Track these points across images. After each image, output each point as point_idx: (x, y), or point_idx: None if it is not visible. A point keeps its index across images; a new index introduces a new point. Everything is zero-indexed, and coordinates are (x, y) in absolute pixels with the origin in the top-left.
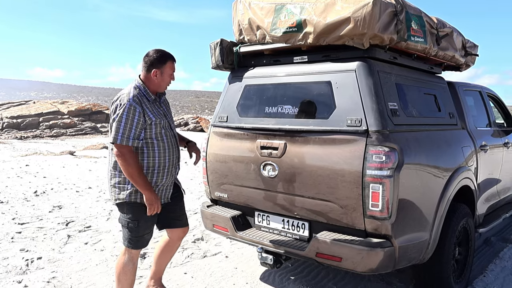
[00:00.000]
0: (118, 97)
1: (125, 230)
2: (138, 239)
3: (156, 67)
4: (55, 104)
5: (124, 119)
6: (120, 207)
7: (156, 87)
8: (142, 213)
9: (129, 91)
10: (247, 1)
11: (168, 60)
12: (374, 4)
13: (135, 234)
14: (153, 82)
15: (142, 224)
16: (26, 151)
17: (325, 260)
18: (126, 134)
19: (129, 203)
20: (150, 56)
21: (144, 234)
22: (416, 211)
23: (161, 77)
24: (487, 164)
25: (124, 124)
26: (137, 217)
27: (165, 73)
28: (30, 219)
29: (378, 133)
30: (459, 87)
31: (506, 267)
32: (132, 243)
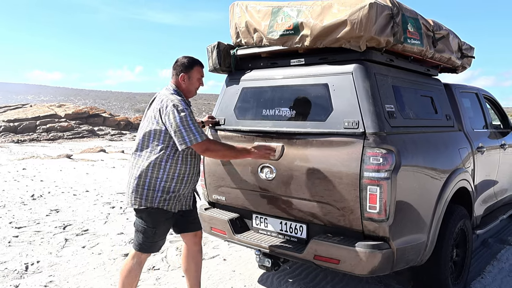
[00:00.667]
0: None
1: (139, 235)
2: (152, 245)
3: (184, 71)
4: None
5: (189, 119)
6: (139, 213)
7: (186, 92)
8: (161, 220)
9: (174, 96)
10: (244, 4)
11: (195, 65)
12: (371, 7)
13: (151, 240)
14: (182, 87)
15: (159, 232)
16: (23, 155)
17: (323, 262)
18: (200, 131)
19: (150, 210)
20: (178, 62)
21: (159, 240)
22: (413, 213)
23: (189, 81)
24: (484, 166)
25: (192, 124)
26: (155, 224)
27: (193, 77)
28: (27, 223)
29: (375, 135)
30: (455, 89)
31: (503, 268)
32: (145, 248)
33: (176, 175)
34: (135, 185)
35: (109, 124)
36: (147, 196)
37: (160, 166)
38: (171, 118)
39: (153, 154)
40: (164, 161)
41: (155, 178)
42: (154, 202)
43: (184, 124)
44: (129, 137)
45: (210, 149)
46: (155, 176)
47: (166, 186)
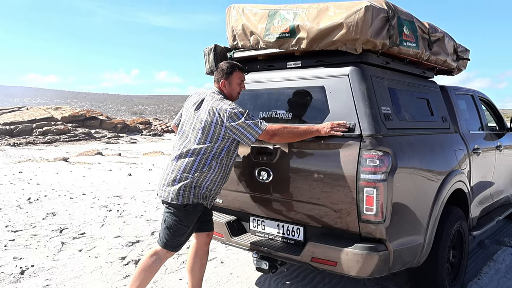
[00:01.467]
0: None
1: (169, 232)
2: (180, 243)
3: (224, 78)
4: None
5: (246, 114)
6: (175, 209)
7: (228, 97)
8: (194, 219)
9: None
10: (240, 7)
11: (234, 70)
12: (366, 9)
13: (180, 238)
14: (224, 92)
15: (190, 231)
16: (19, 158)
17: (320, 264)
18: (258, 121)
19: (189, 208)
20: (219, 68)
21: (186, 239)
22: (410, 215)
23: (229, 87)
24: (480, 167)
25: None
26: (190, 222)
27: (233, 83)
28: (23, 227)
29: (372, 138)
30: (451, 91)
31: (500, 269)
32: (174, 246)
33: (220, 174)
34: (186, 184)
35: (106, 127)
36: (194, 192)
37: (211, 166)
38: (236, 118)
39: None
40: (214, 162)
41: (204, 177)
42: (199, 198)
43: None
44: (126, 140)
45: (277, 136)
46: (204, 175)
47: (210, 184)
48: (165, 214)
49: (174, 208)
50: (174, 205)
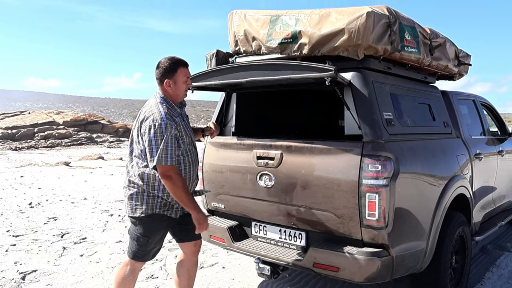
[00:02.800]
0: (147, 116)
1: (134, 243)
2: (146, 253)
3: (167, 77)
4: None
5: (165, 138)
6: (133, 221)
7: (174, 98)
8: (154, 230)
9: (158, 107)
10: (242, 12)
11: (179, 66)
12: (368, 15)
13: (144, 248)
14: (169, 94)
15: (152, 240)
16: (21, 162)
17: (322, 270)
18: (170, 154)
19: (142, 219)
20: (160, 67)
21: (152, 248)
22: (412, 220)
23: (175, 86)
24: (482, 172)
25: (166, 143)
26: (148, 233)
27: (178, 81)
28: (24, 231)
29: (374, 143)
30: (453, 96)
31: (503, 275)
32: (139, 256)
33: None
34: (135, 192)
35: (108, 131)
36: (147, 202)
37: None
38: (146, 133)
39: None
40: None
41: (152, 186)
42: (155, 208)
43: (156, 141)
44: (127, 144)
45: (170, 180)
46: (151, 185)
47: (163, 194)
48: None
49: (131, 219)
50: (130, 217)
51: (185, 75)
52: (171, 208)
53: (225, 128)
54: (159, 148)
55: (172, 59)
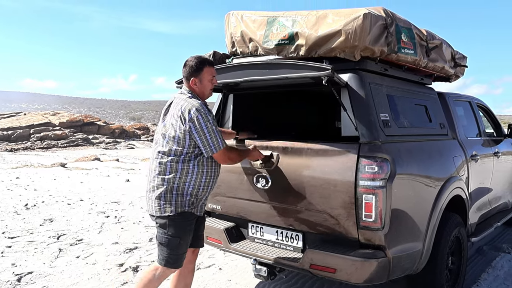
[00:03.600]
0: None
1: (164, 248)
2: (178, 258)
3: (193, 75)
4: (46, 115)
5: (213, 126)
6: (162, 223)
7: (200, 96)
8: (185, 229)
9: (194, 100)
10: (239, 13)
11: (205, 66)
12: (365, 17)
13: (176, 252)
14: (195, 91)
15: (184, 242)
16: (16, 164)
17: (319, 271)
18: (220, 138)
19: (175, 218)
20: (187, 66)
21: (183, 252)
22: (409, 221)
23: (201, 85)
24: (478, 174)
25: (216, 130)
26: (180, 233)
27: (204, 79)
28: (20, 233)
29: (370, 144)
30: (449, 98)
31: (499, 276)
32: (171, 262)
33: (203, 178)
34: (164, 191)
35: (104, 132)
36: (176, 201)
37: (188, 170)
38: (196, 124)
39: (178, 159)
40: (191, 165)
41: (183, 182)
42: (184, 207)
43: (209, 130)
44: (123, 145)
45: (230, 160)
46: (183, 180)
47: (194, 190)
48: (156, 229)
49: (160, 220)
50: (159, 217)
51: (210, 74)
52: (197, 207)
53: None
54: (212, 136)
55: (198, 58)
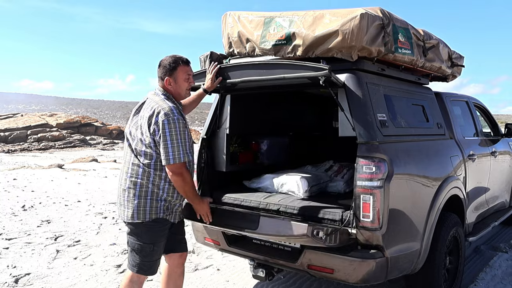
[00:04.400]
0: (157, 111)
1: (136, 256)
2: (151, 265)
3: (168, 74)
4: (43, 116)
5: (179, 135)
6: (135, 229)
7: (176, 96)
8: (159, 235)
9: (166, 103)
10: (236, 14)
11: (179, 64)
12: (362, 17)
13: (149, 259)
14: (170, 91)
15: (157, 248)
16: (13, 165)
17: (317, 272)
18: (183, 150)
19: (147, 225)
20: (161, 65)
21: (157, 258)
22: (406, 221)
23: (175, 85)
24: (475, 173)
25: (181, 140)
26: (153, 240)
27: (178, 79)
28: (18, 234)
29: (368, 144)
30: (446, 98)
31: (496, 275)
32: (145, 269)
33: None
34: (137, 196)
35: (101, 133)
36: (151, 207)
37: (161, 176)
38: (161, 128)
39: (150, 163)
40: (164, 171)
41: (157, 187)
42: (159, 213)
43: (172, 138)
44: (121, 146)
45: (181, 176)
46: (156, 186)
47: (168, 196)
48: (127, 235)
49: (131, 226)
50: (132, 223)
51: (185, 73)
52: (172, 213)
53: (220, 130)
54: (174, 145)
55: (173, 57)
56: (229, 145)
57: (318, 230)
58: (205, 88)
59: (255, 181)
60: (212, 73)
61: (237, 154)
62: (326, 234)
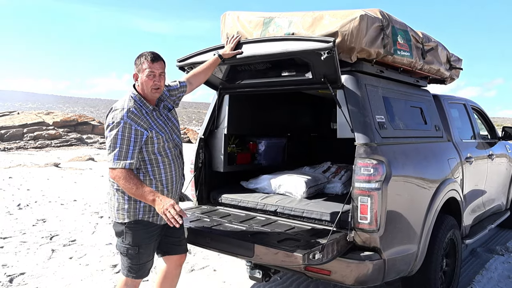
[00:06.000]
0: (111, 112)
1: (124, 258)
2: (140, 267)
3: (135, 71)
4: (40, 115)
5: (119, 139)
6: (119, 230)
7: (143, 95)
8: (143, 238)
9: (123, 104)
10: (235, 14)
11: (142, 60)
12: (361, 18)
13: (136, 261)
14: (142, 89)
15: (144, 251)
16: (9, 163)
17: (314, 273)
18: (123, 156)
19: (128, 226)
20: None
21: (146, 261)
22: (404, 223)
23: (145, 80)
24: (473, 176)
25: (120, 145)
26: (137, 242)
27: (142, 76)
28: (13, 233)
29: (366, 146)
30: (444, 100)
31: (492, 278)
32: (133, 272)
33: (154, 183)
34: (117, 196)
35: (98, 132)
36: (129, 207)
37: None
38: (107, 127)
39: None
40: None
41: None
42: (137, 214)
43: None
44: None
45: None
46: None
47: None
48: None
49: (116, 227)
50: (115, 224)
51: (148, 69)
52: (157, 215)
53: (217, 130)
54: (114, 149)
55: (140, 54)
56: (227, 146)
57: (314, 253)
58: (222, 54)
59: (252, 181)
60: (233, 42)
61: (235, 154)
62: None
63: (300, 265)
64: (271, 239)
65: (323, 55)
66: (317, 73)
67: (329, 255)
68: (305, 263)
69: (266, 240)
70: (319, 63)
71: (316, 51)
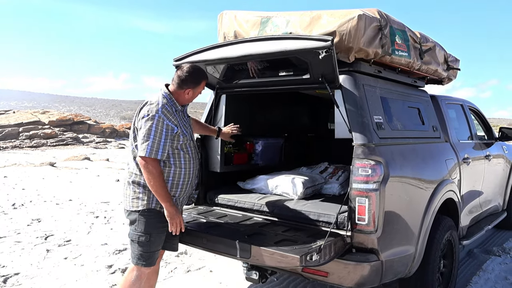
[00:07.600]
0: (146, 105)
1: (135, 246)
2: (150, 255)
3: (189, 86)
4: (35, 114)
5: (153, 131)
6: (132, 218)
7: (184, 102)
8: (155, 226)
9: (158, 100)
10: (233, 13)
11: (203, 80)
12: (359, 18)
13: (147, 249)
14: (182, 98)
15: (154, 239)
16: (4, 162)
17: (311, 275)
18: (156, 147)
19: (142, 214)
20: (185, 73)
21: (155, 250)
22: (402, 225)
23: (192, 96)
24: (470, 177)
25: (153, 137)
26: (148, 230)
27: (196, 92)
28: (7, 233)
29: (364, 147)
30: (441, 101)
31: (489, 279)
32: (143, 260)
33: (171, 179)
34: (136, 185)
35: (94, 131)
36: (144, 196)
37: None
38: (142, 122)
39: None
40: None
41: None
42: (151, 203)
43: (146, 132)
44: (114, 145)
45: (148, 170)
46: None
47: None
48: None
49: (130, 215)
50: (130, 212)
51: (203, 87)
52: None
53: None
54: (148, 140)
55: (198, 71)
56: (224, 146)
57: (311, 255)
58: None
59: (249, 182)
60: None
61: (232, 154)
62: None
63: (297, 266)
64: (268, 240)
65: (321, 54)
66: (315, 73)
67: (326, 256)
68: (302, 264)
69: (263, 241)
70: (317, 62)
71: (314, 50)
